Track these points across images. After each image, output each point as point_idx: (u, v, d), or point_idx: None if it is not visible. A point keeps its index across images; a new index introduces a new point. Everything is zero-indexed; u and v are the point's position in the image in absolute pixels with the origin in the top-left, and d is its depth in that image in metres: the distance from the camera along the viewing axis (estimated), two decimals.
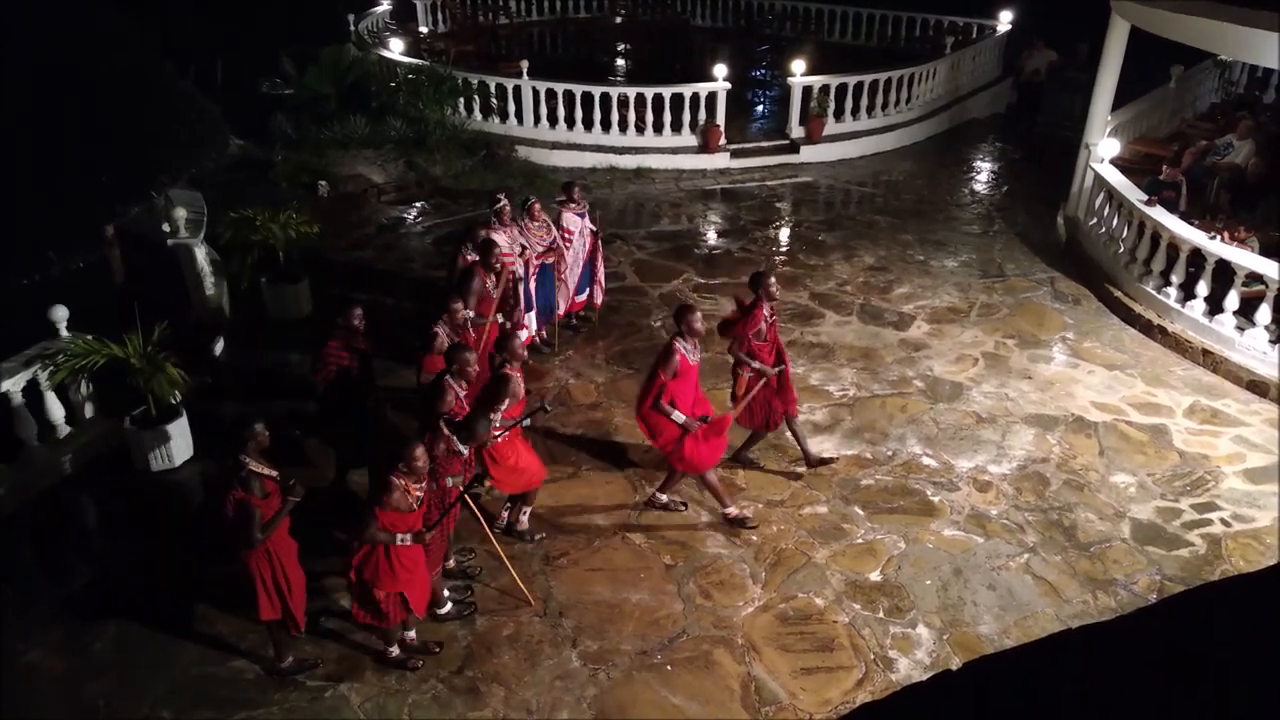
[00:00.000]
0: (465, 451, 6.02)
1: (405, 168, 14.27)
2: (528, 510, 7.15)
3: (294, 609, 5.75)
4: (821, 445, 8.32)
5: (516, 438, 6.76)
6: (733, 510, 7.31)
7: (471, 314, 7.59)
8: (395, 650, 6.01)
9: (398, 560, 5.54)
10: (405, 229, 12.96)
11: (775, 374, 7.43)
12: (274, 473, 5.61)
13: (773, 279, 7.49)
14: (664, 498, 7.45)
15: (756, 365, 7.38)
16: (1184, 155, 12.33)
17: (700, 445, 6.92)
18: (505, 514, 7.20)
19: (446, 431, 5.92)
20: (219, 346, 9.49)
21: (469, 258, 8.36)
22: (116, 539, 7.33)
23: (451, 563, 6.73)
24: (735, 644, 6.28)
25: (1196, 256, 9.81)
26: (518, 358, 6.81)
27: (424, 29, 21.33)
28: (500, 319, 8.07)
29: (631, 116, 15.20)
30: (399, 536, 5.48)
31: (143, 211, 9.21)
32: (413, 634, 6.10)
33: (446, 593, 6.49)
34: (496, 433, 6.38)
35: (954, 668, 1.80)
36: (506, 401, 6.47)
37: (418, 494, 5.53)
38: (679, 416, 6.80)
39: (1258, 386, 9.14)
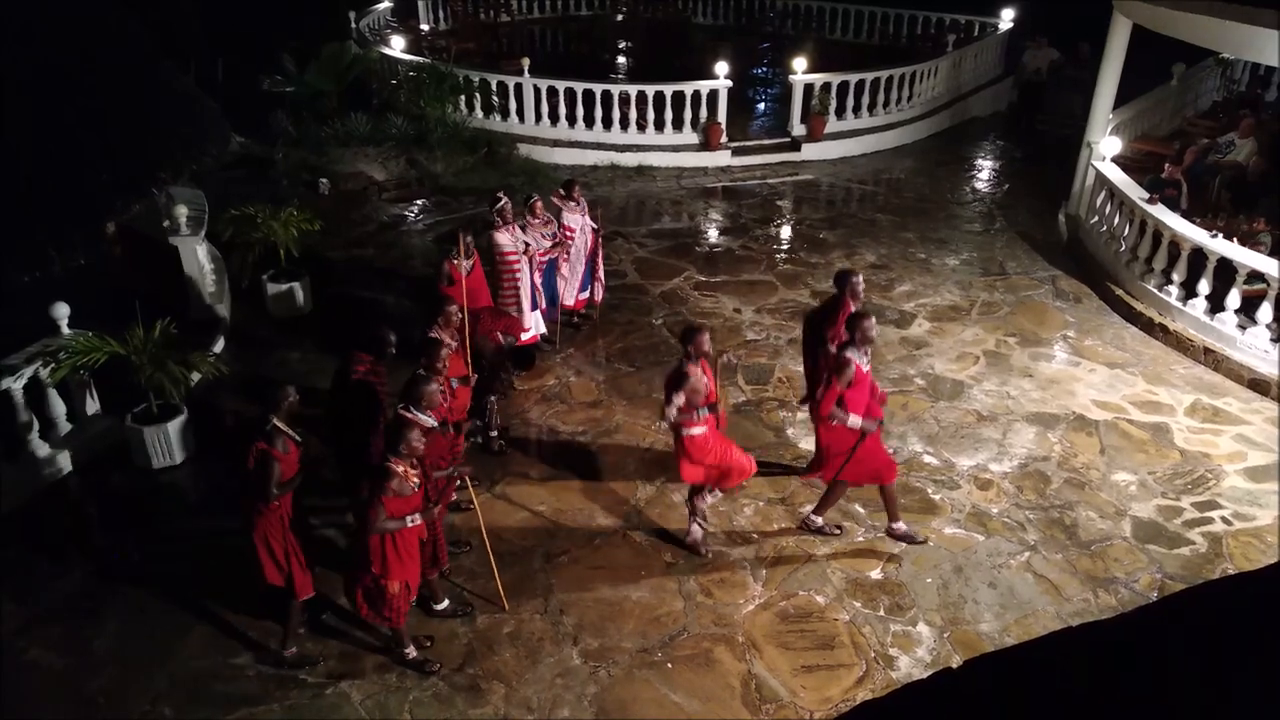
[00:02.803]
0: (433, 421, 5.95)
1: (406, 165, 14.27)
2: (705, 502, 6.92)
3: (298, 575, 5.82)
4: None
5: (714, 437, 6.58)
6: (901, 526, 7.13)
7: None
8: (413, 651, 6.00)
9: (403, 546, 5.57)
10: (406, 226, 12.97)
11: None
12: (297, 437, 5.74)
13: (858, 277, 7.43)
14: (819, 520, 7.19)
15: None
16: (1185, 153, 12.32)
17: (881, 456, 6.81)
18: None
19: (407, 414, 5.85)
20: (219, 344, 9.49)
21: (455, 263, 8.20)
22: (117, 536, 7.33)
23: None
24: (736, 642, 6.28)
25: (1198, 255, 9.81)
26: (702, 353, 6.45)
27: (425, 26, 21.34)
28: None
29: (633, 114, 15.20)
30: (409, 518, 5.50)
31: (144, 208, 9.22)
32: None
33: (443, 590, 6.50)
34: (679, 420, 6.39)
35: (954, 666, 1.79)
36: (682, 396, 6.33)
37: (415, 479, 5.54)
38: (855, 420, 6.62)
39: (1259, 385, 9.13)
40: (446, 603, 6.46)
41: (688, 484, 6.92)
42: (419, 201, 13.73)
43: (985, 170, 15.89)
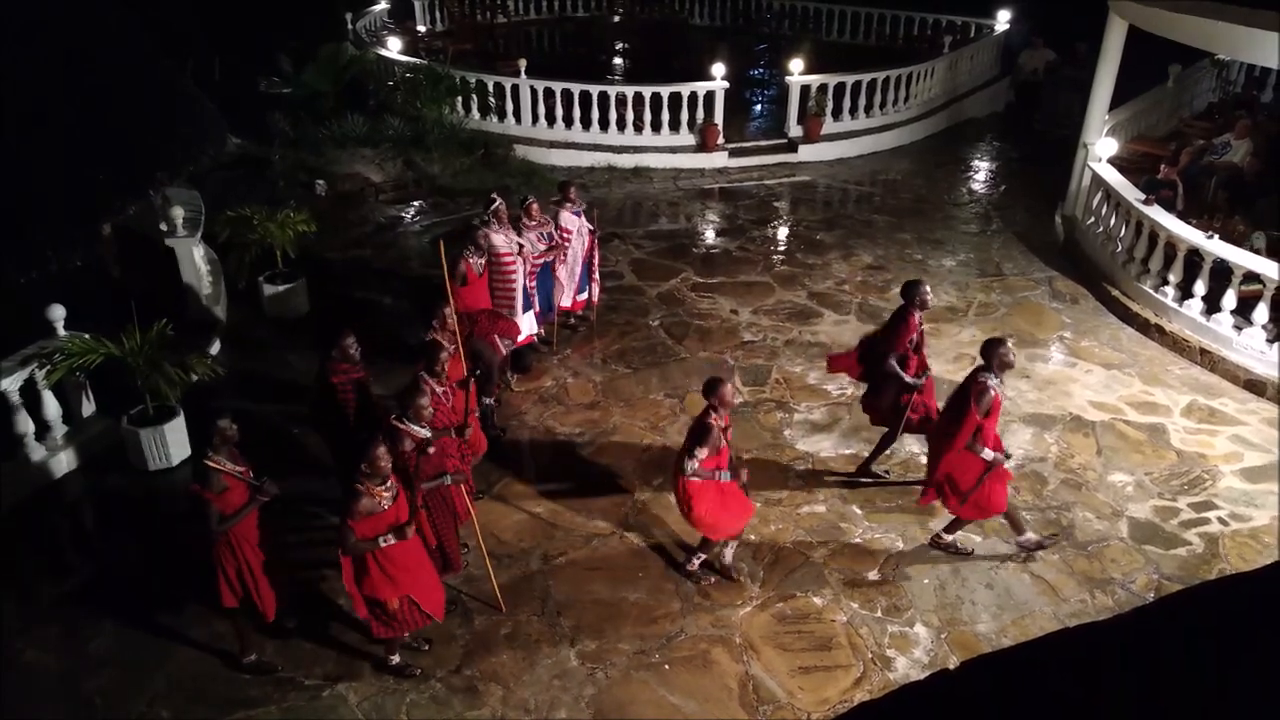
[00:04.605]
0: (426, 432, 5.94)
1: (403, 166, 14.26)
2: (701, 559, 6.79)
3: (259, 600, 5.76)
4: (820, 444, 8.33)
5: (713, 488, 6.36)
6: (1031, 537, 7.04)
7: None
8: (396, 658, 5.99)
9: (390, 564, 5.52)
10: (403, 228, 12.96)
11: (921, 384, 7.30)
12: (240, 469, 5.63)
13: (927, 287, 7.35)
14: (949, 538, 7.11)
15: (909, 379, 7.25)
16: (1181, 154, 12.34)
17: (996, 485, 6.68)
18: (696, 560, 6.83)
19: (400, 425, 5.86)
20: (216, 346, 9.48)
21: (471, 261, 8.24)
22: (114, 538, 7.32)
23: None
24: (733, 643, 6.28)
25: (1194, 256, 9.82)
26: (726, 406, 6.29)
27: (422, 27, 21.32)
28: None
29: (629, 115, 15.20)
30: (380, 539, 5.44)
31: (140, 209, 9.21)
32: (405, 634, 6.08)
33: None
34: (692, 473, 6.21)
35: (952, 666, 1.80)
36: (705, 450, 6.16)
37: (385, 495, 5.47)
38: (988, 454, 6.52)
39: (1255, 385, 9.15)
40: None
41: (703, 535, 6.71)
42: (416, 203, 13.72)
43: (982, 171, 15.90)
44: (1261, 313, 9.22)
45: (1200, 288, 9.73)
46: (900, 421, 7.47)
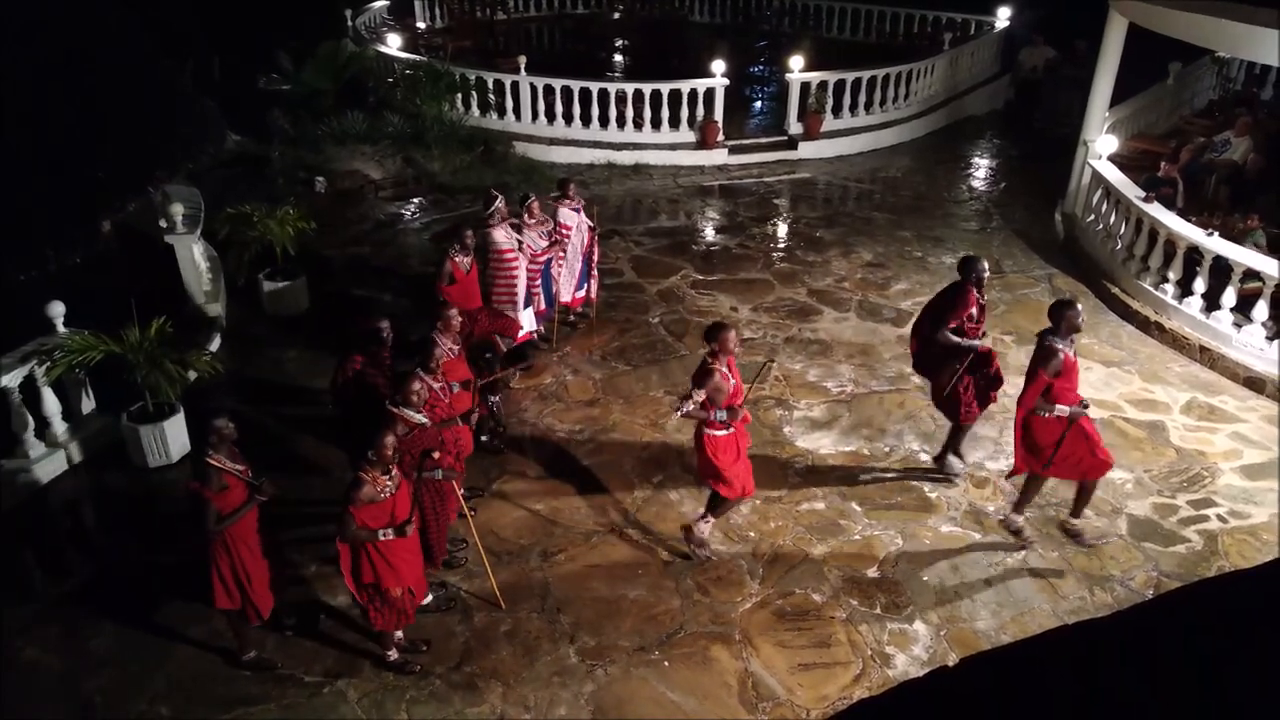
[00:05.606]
0: (422, 418, 5.96)
1: (403, 164, 14.26)
2: (710, 523, 6.85)
3: (254, 600, 5.77)
4: (819, 441, 8.33)
5: (737, 443, 6.45)
6: (1076, 523, 7.05)
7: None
8: (394, 654, 6.01)
9: (392, 554, 5.54)
10: (403, 225, 12.96)
11: (978, 345, 7.30)
12: (239, 468, 5.64)
13: (985, 264, 7.39)
14: (1020, 519, 7.14)
15: (967, 343, 7.22)
16: (1181, 152, 12.33)
17: (1081, 444, 6.62)
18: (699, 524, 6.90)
19: (394, 410, 5.86)
20: (215, 343, 9.48)
21: (457, 260, 8.25)
22: (114, 535, 7.32)
23: None
24: (733, 640, 6.28)
25: (1194, 253, 9.82)
26: (728, 351, 6.37)
27: (421, 24, 21.32)
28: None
29: (629, 112, 15.19)
30: (380, 532, 5.46)
31: (140, 207, 9.21)
32: (399, 633, 6.09)
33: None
34: (683, 410, 6.26)
35: (951, 664, 1.80)
36: (703, 392, 6.21)
37: (388, 484, 5.50)
38: (1062, 409, 6.49)
39: (1255, 383, 9.15)
40: (430, 598, 6.46)
41: (709, 487, 6.79)
42: (415, 200, 13.72)
43: (982, 168, 15.89)
44: (1261, 310, 9.22)
45: (1200, 285, 9.73)
46: (959, 404, 7.46)
